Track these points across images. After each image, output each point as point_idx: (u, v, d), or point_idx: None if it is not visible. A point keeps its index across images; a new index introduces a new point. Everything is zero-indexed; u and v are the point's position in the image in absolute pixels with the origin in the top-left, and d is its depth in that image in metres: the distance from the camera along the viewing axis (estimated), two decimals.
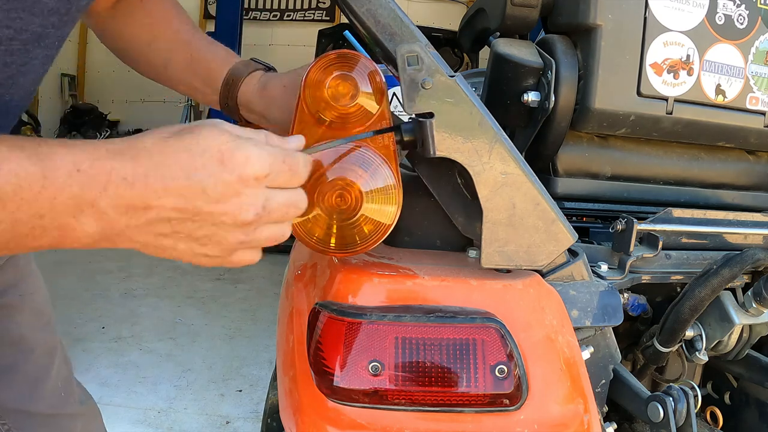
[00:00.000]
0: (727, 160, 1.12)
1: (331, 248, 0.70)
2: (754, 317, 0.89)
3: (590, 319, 0.77)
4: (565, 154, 1.02)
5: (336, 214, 0.68)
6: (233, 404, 2.57)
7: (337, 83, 0.70)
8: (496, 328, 0.68)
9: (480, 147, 0.70)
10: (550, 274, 0.77)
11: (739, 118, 1.03)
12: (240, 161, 0.49)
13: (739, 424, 1.09)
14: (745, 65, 1.01)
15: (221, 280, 4.51)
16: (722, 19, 0.99)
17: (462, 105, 0.69)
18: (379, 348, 0.67)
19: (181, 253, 0.52)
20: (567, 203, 1.04)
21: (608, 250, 0.93)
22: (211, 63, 0.85)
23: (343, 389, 0.67)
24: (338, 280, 0.72)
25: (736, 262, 0.82)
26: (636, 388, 0.81)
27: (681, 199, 1.09)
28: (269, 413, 1.40)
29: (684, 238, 0.94)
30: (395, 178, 0.69)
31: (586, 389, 0.72)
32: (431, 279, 0.71)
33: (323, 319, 0.70)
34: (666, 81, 0.97)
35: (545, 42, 0.99)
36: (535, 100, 0.94)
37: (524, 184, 0.72)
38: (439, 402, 0.67)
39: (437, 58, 0.69)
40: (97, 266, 4.47)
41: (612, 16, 0.93)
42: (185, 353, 3.04)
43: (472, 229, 0.80)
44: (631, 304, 0.94)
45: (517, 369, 0.67)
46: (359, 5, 0.73)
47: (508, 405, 0.67)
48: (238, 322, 3.60)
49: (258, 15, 10.17)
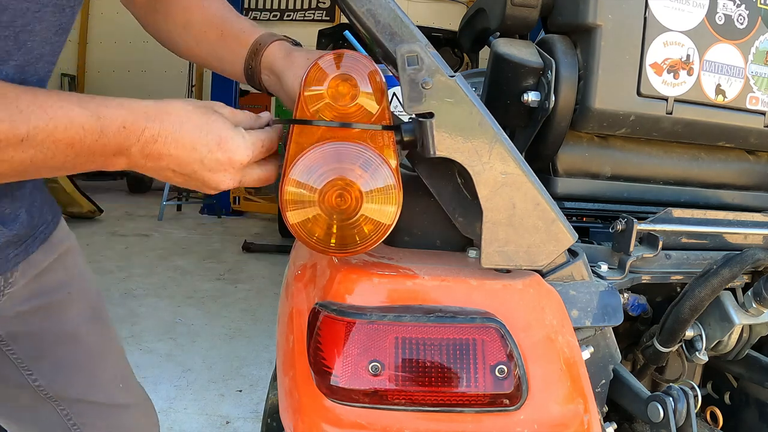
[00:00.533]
0: (727, 160, 1.12)
1: (331, 248, 0.70)
2: (754, 317, 0.89)
3: (590, 319, 0.77)
4: (565, 154, 1.02)
5: (336, 214, 0.68)
6: (233, 404, 2.57)
7: (337, 83, 0.70)
8: (496, 328, 0.68)
9: (480, 147, 0.70)
10: (550, 274, 0.77)
11: (739, 118, 1.03)
12: (232, 148, 0.68)
13: (739, 424, 1.09)
14: (745, 65, 1.01)
15: (221, 280, 4.52)
16: (722, 19, 0.99)
17: (462, 105, 0.69)
18: (379, 348, 0.67)
19: (178, 183, 0.71)
20: (567, 203, 1.04)
21: (608, 250, 0.93)
22: (240, 34, 0.89)
23: (342, 389, 0.67)
24: (338, 280, 0.72)
25: (736, 262, 0.82)
26: (636, 388, 0.81)
27: (681, 199, 1.09)
28: (269, 413, 1.40)
29: (684, 238, 0.94)
30: (395, 178, 0.69)
31: (586, 389, 0.72)
32: (431, 279, 0.71)
33: (323, 319, 0.70)
34: (666, 81, 0.97)
35: (545, 42, 0.99)
36: (535, 100, 0.94)
37: (524, 184, 0.72)
38: (439, 402, 0.67)
39: (437, 58, 0.69)
40: (97, 266, 4.47)
41: (612, 16, 0.93)
42: (185, 353, 3.04)
43: (472, 229, 0.80)
44: (631, 304, 0.94)
45: (517, 369, 0.67)
46: (359, 5, 0.73)
47: (508, 405, 0.67)
48: (238, 322, 3.61)
49: (258, 15, 10.17)
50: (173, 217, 7.10)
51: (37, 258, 0.87)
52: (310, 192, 0.68)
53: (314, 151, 0.68)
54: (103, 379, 1.01)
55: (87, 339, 0.98)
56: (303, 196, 0.68)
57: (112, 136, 0.63)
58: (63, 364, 0.95)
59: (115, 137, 0.64)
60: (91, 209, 6.37)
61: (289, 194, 0.68)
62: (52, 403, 0.96)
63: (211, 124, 0.68)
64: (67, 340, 0.95)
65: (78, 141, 0.62)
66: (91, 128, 0.62)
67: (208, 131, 0.67)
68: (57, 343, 0.94)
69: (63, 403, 0.97)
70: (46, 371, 0.94)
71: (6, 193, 0.77)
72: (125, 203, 7.65)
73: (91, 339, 0.99)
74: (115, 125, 0.63)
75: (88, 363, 0.98)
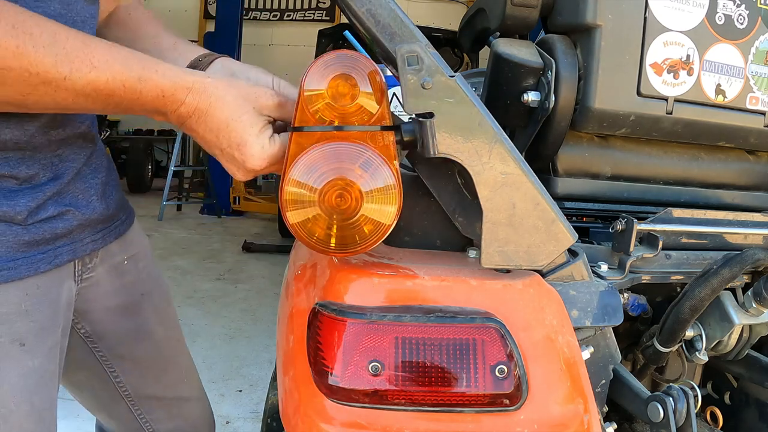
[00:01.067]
0: (727, 160, 1.12)
1: (331, 248, 0.70)
2: (754, 317, 0.89)
3: (590, 319, 0.77)
4: (565, 154, 1.02)
5: (336, 214, 0.68)
6: (233, 404, 2.57)
7: (337, 83, 0.70)
8: (496, 328, 0.68)
9: (480, 147, 0.70)
10: (550, 274, 0.77)
11: (739, 118, 1.03)
12: (248, 153, 0.71)
13: (739, 424, 1.09)
14: (745, 65, 1.01)
15: (221, 280, 4.52)
16: (722, 19, 0.99)
17: (462, 105, 0.69)
18: (379, 348, 0.67)
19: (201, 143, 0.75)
20: (567, 203, 1.04)
21: (608, 250, 0.93)
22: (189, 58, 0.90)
23: (342, 389, 0.67)
24: (338, 280, 0.72)
25: (736, 262, 0.82)
26: (636, 388, 0.81)
27: (681, 199, 1.09)
28: (269, 413, 1.40)
29: (684, 238, 0.94)
30: (395, 178, 0.69)
31: (586, 389, 0.72)
32: (431, 279, 0.71)
33: (323, 319, 0.70)
34: (666, 81, 0.97)
35: (545, 42, 0.99)
36: (535, 100, 0.94)
37: (524, 184, 0.72)
38: (439, 402, 0.67)
39: (437, 58, 0.69)
40: None
41: (612, 16, 0.93)
42: None
43: (472, 229, 0.80)
44: (631, 304, 0.94)
45: (517, 369, 0.67)
46: (359, 5, 0.73)
47: (508, 405, 0.67)
48: (238, 322, 3.60)
49: (258, 15, 10.16)
50: (173, 217, 7.11)
51: (113, 249, 0.93)
52: (310, 192, 0.68)
53: (314, 151, 0.68)
54: (173, 376, 1.08)
55: (160, 338, 1.04)
56: (303, 196, 0.68)
57: (150, 100, 0.68)
58: (140, 363, 1.02)
59: (153, 102, 0.68)
60: None
61: (289, 194, 0.68)
62: (128, 402, 1.03)
63: (240, 121, 0.71)
64: (145, 340, 1.01)
65: (118, 95, 0.66)
66: (131, 88, 0.66)
67: (234, 128, 0.70)
68: (137, 341, 1.00)
69: (136, 401, 1.04)
70: (128, 370, 1.01)
71: (78, 180, 0.83)
72: None
73: (163, 338, 1.05)
74: (155, 92, 0.67)
75: (160, 362, 1.05)
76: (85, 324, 0.94)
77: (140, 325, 1.00)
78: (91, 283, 0.90)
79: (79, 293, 0.88)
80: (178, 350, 1.10)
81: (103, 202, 0.88)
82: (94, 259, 0.90)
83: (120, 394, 1.02)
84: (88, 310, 0.93)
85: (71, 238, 0.82)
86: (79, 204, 0.83)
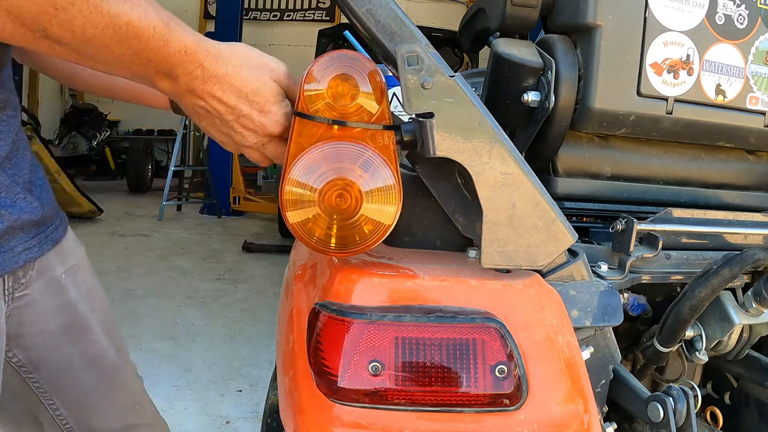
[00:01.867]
0: (727, 160, 1.12)
1: (331, 248, 0.70)
2: (754, 317, 0.89)
3: (590, 319, 0.77)
4: (565, 154, 1.02)
5: (336, 214, 0.68)
6: (233, 404, 2.57)
7: (337, 83, 0.70)
8: (496, 328, 0.68)
9: (480, 147, 0.70)
10: (550, 274, 0.77)
11: (739, 118, 1.03)
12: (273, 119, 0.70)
13: (739, 424, 1.09)
14: (745, 65, 1.01)
15: (221, 280, 4.52)
16: (722, 19, 0.99)
17: (462, 105, 0.69)
18: (379, 348, 0.67)
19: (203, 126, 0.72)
20: (567, 203, 1.04)
21: (608, 250, 0.93)
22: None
23: (343, 389, 0.67)
24: (338, 280, 0.72)
25: (736, 262, 0.82)
26: (636, 388, 0.81)
27: (681, 199, 1.09)
28: (269, 413, 1.40)
29: (684, 238, 0.94)
30: (395, 178, 0.69)
31: (586, 389, 0.72)
32: (431, 279, 0.71)
33: (323, 319, 0.70)
34: (666, 81, 0.97)
35: (545, 42, 0.99)
36: (535, 100, 0.94)
37: (524, 184, 0.72)
38: (439, 402, 0.67)
39: (437, 58, 0.69)
40: (97, 266, 4.45)
41: (612, 16, 0.93)
42: (185, 353, 3.04)
43: (472, 229, 0.80)
44: (631, 304, 0.94)
45: (517, 369, 0.67)
46: (359, 5, 0.73)
47: (508, 405, 0.67)
48: (238, 322, 3.61)
49: (258, 15, 10.17)
50: (173, 217, 7.10)
51: (51, 260, 0.82)
52: (310, 192, 0.68)
53: (314, 151, 0.68)
54: (123, 403, 0.97)
55: (110, 363, 0.94)
56: (303, 196, 0.68)
57: (172, 53, 0.64)
58: (86, 393, 0.91)
59: (173, 57, 0.64)
60: (91, 209, 6.37)
61: (289, 194, 0.68)
62: None
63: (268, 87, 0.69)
64: (91, 367, 0.90)
65: (145, 38, 0.61)
66: (160, 33, 0.62)
67: (257, 92, 0.68)
68: (83, 369, 0.89)
69: None
70: (70, 402, 0.89)
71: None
72: (125, 203, 7.65)
73: (113, 362, 0.94)
74: (178, 45, 0.63)
75: (107, 388, 0.94)
76: (18, 352, 0.81)
77: (85, 349, 0.88)
78: (25, 303, 0.77)
79: (11, 315, 0.76)
80: (127, 374, 0.98)
81: (32, 201, 0.76)
82: (29, 273, 0.77)
83: (61, 429, 0.90)
84: (21, 335, 0.80)
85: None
86: (5, 204, 0.71)
